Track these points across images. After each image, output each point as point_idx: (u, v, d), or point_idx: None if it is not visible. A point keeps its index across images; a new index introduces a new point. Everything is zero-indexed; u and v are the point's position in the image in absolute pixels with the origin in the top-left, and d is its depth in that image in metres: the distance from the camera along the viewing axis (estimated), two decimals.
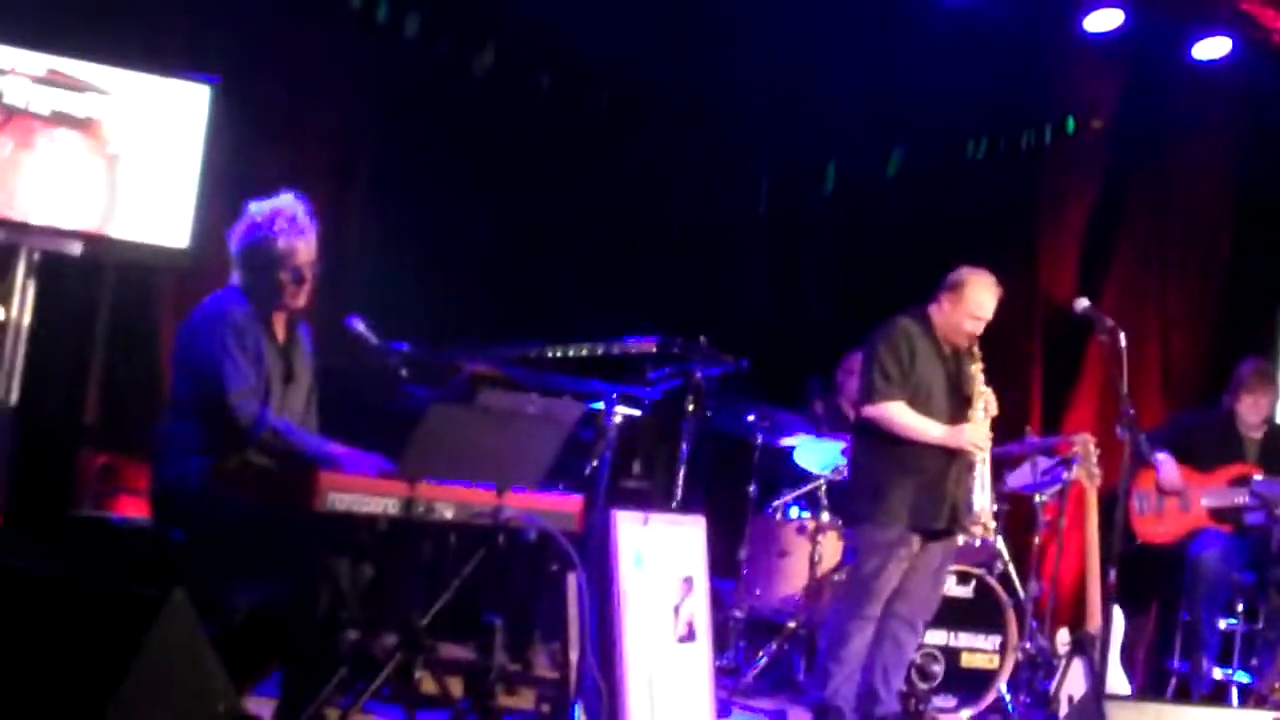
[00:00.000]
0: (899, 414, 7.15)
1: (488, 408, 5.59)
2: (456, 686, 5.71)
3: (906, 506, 7.15)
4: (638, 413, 7.25)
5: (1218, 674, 8.44)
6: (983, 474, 7.19)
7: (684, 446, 7.31)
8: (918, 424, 7.16)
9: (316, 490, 5.16)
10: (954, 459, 7.18)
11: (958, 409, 7.25)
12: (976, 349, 7.31)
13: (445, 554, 5.76)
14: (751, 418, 8.62)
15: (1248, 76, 10.01)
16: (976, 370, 7.31)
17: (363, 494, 5.26)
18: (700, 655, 6.80)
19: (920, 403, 7.20)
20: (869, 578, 7.18)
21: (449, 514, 5.45)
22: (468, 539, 5.66)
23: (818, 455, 8.72)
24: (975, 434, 7.19)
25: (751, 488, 8.64)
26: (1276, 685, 7.00)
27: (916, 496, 7.17)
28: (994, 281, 7.29)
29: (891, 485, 7.17)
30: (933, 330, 7.30)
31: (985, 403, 7.25)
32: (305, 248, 5.75)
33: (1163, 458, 8.58)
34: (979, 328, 7.30)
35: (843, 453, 8.51)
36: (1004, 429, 8.77)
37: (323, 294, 6.09)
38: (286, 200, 5.78)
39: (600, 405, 6.86)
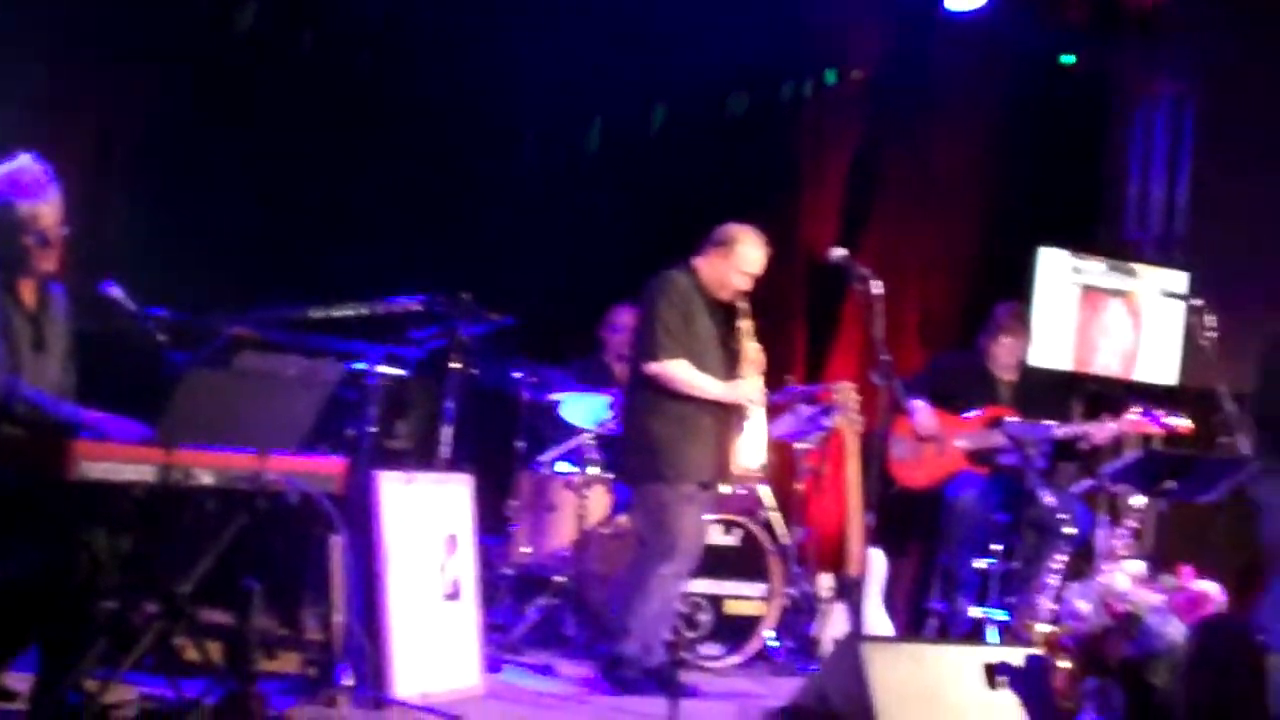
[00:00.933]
0: (682, 371, 7.29)
1: (246, 371, 5.55)
2: (218, 653, 5.67)
3: (693, 462, 7.32)
4: (402, 372, 7.24)
5: (976, 613, 8.64)
6: (757, 426, 7.43)
7: (449, 404, 7.30)
8: (700, 381, 7.32)
9: (69, 458, 5.06)
10: (729, 413, 7.35)
11: (728, 363, 7.41)
12: (744, 303, 7.44)
13: (205, 520, 5.70)
14: (518, 374, 8.66)
15: (1002, 25, 10.22)
16: (746, 325, 7.44)
17: (118, 461, 5.16)
18: (467, 612, 6.84)
19: (695, 358, 7.33)
20: (669, 535, 7.32)
21: (208, 479, 5.38)
22: (228, 503, 5.60)
23: (584, 409, 8.78)
24: (751, 388, 7.39)
25: (519, 443, 8.69)
26: (1029, 621, 7.19)
27: (700, 451, 7.35)
28: (762, 239, 7.45)
29: (677, 442, 7.33)
30: (702, 285, 7.39)
31: (755, 356, 7.36)
32: (49, 210, 5.62)
33: (918, 404, 8.72)
34: (747, 283, 7.44)
35: (611, 407, 8.59)
36: (767, 379, 8.93)
37: (80, 259, 5.97)
38: (25, 162, 5.63)
39: (363, 365, 6.84)
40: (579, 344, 9.48)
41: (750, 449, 8.12)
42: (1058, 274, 10.07)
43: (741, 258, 7.44)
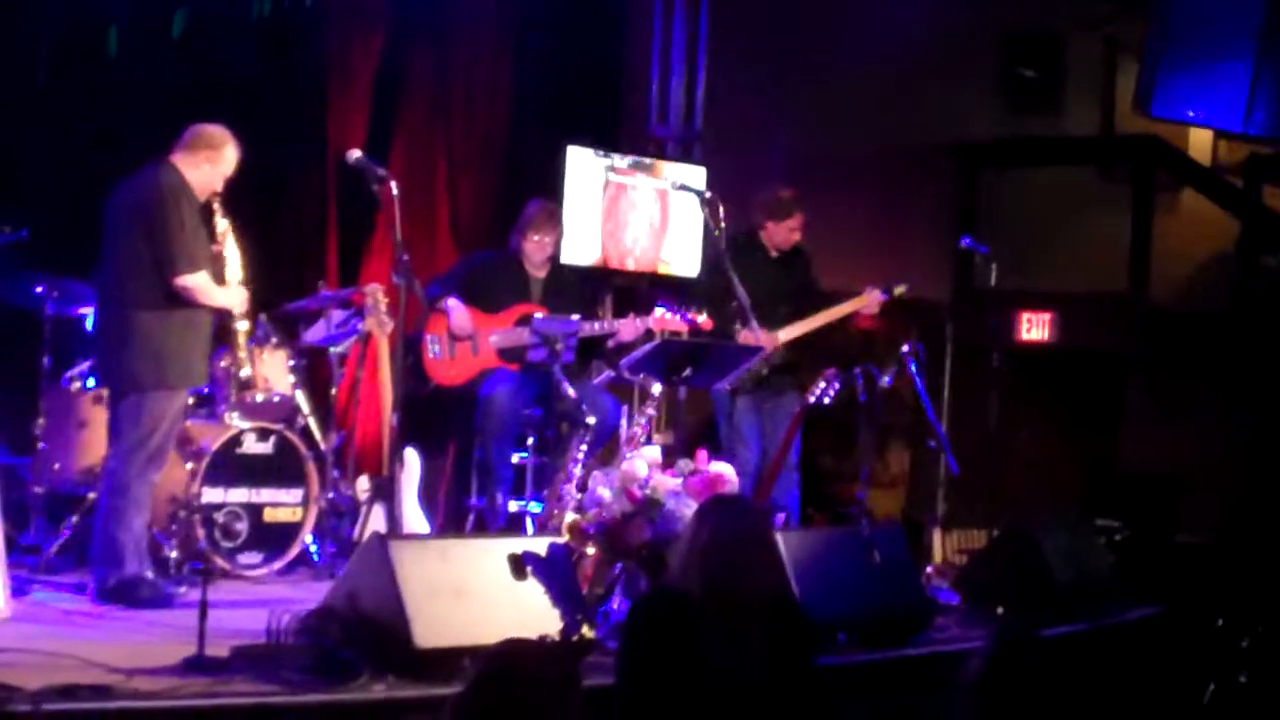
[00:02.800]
0: (206, 284, 7.33)
1: None
2: None
3: (194, 369, 7.40)
4: None
5: (513, 506, 8.82)
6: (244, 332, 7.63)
7: None
8: (219, 294, 7.39)
9: None
10: (222, 318, 7.53)
11: (213, 266, 7.42)
12: (218, 205, 7.48)
13: None
14: (40, 288, 8.43)
15: None
16: (226, 227, 7.51)
17: None
18: None
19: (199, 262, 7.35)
20: (164, 441, 7.33)
21: None
22: None
23: None
24: (243, 295, 7.54)
25: (44, 359, 8.47)
26: (555, 512, 7.40)
27: (199, 358, 7.46)
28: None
29: (183, 349, 7.33)
30: (190, 188, 7.35)
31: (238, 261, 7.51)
32: None
33: (452, 304, 8.81)
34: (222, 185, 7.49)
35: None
36: (301, 286, 8.93)
37: None
38: None
39: None
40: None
41: (277, 371, 8.17)
42: (585, 171, 10.29)
43: (227, 161, 7.51)
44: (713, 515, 5.05)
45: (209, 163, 7.45)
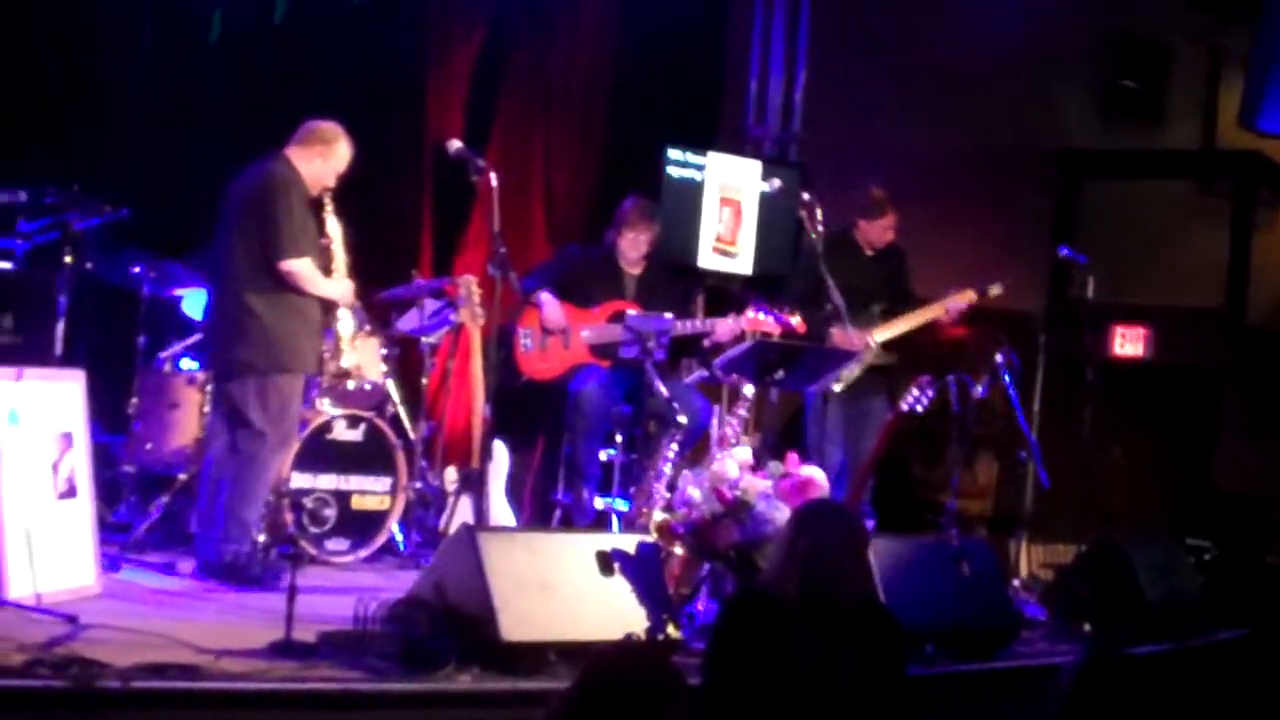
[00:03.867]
0: (311, 271, 7.46)
1: None
2: None
3: (308, 354, 7.56)
4: (8, 265, 7.05)
5: (600, 503, 8.81)
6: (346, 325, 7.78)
7: (61, 299, 7.14)
8: (324, 283, 7.55)
9: None
10: (328, 308, 7.64)
11: (321, 259, 7.57)
12: (328, 199, 7.57)
13: None
14: (137, 268, 8.48)
15: None
16: (335, 222, 7.64)
17: None
18: (82, 511, 6.73)
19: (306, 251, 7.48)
20: (290, 424, 7.55)
21: None
22: None
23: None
24: (350, 288, 7.72)
25: (139, 339, 8.53)
26: (644, 510, 7.37)
27: (312, 344, 7.59)
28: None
29: (296, 335, 7.49)
30: (302, 181, 7.44)
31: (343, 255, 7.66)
32: None
33: (545, 298, 8.80)
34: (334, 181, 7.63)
35: None
36: (395, 274, 8.94)
37: None
38: None
39: None
40: (201, 239, 9.31)
41: (369, 359, 8.21)
42: (682, 170, 10.25)
43: (340, 157, 7.66)
44: (811, 521, 5.01)
45: (321, 158, 7.59)
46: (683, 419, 7.66)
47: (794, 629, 4.77)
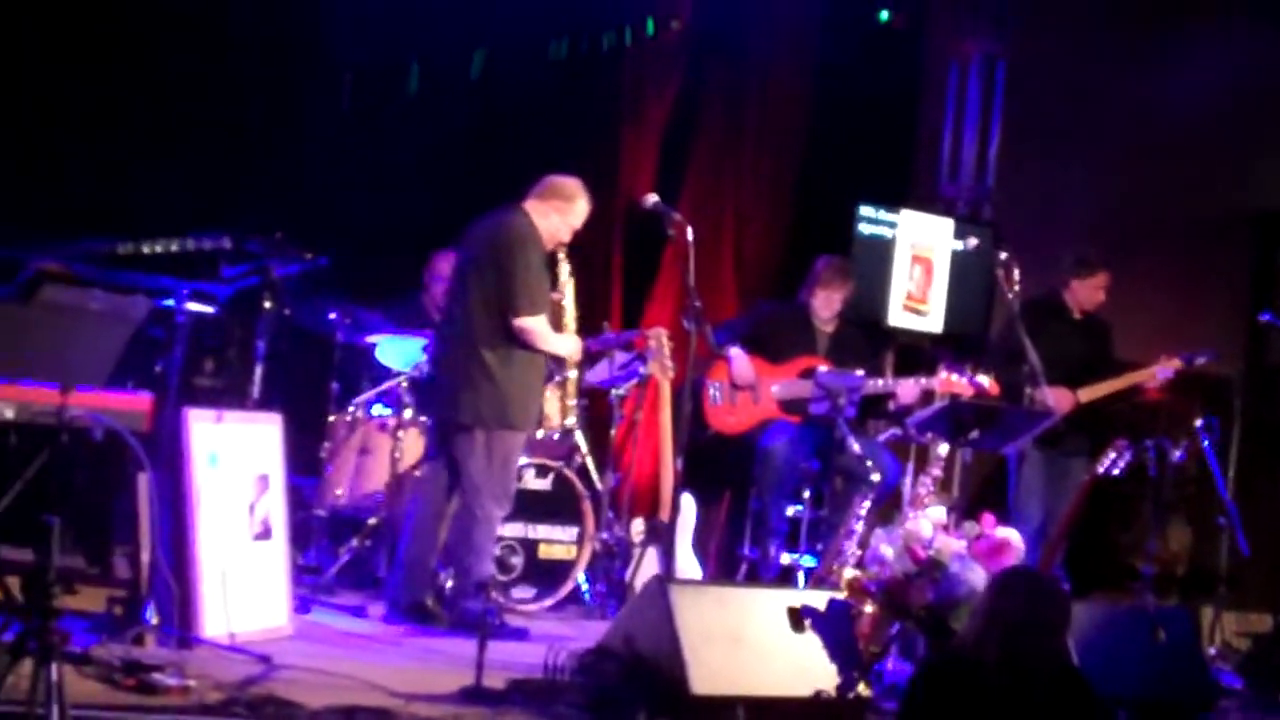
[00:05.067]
0: (544, 328, 7.47)
1: (49, 303, 5.46)
2: (18, 589, 5.58)
3: (533, 411, 7.60)
4: (211, 310, 7.16)
5: (785, 559, 8.76)
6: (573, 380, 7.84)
7: (260, 344, 7.24)
8: (555, 340, 7.56)
9: None
10: (554, 364, 7.70)
11: (553, 313, 7.59)
12: (563, 255, 7.55)
13: (7, 456, 5.61)
14: (333, 315, 8.60)
15: None
16: (568, 278, 7.67)
17: None
18: (276, 553, 6.81)
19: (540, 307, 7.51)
20: (510, 481, 7.53)
21: (9, 414, 5.31)
22: (31, 439, 5.51)
23: (399, 352, 8.73)
24: (579, 345, 7.76)
25: (333, 385, 8.65)
26: (834, 567, 7.31)
27: (536, 401, 7.63)
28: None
29: (525, 391, 7.51)
30: (538, 235, 7.47)
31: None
32: None
33: (735, 353, 8.81)
34: (570, 236, 7.65)
35: (425, 350, 8.57)
36: (584, 326, 8.96)
37: None
38: None
39: (171, 302, 6.75)
40: (394, 286, 9.43)
41: (566, 406, 8.22)
42: (873, 227, 10.19)
43: (578, 213, 7.66)
44: (1013, 586, 4.93)
45: (559, 213, 7.59)
46: (875, 476, 7.60)
47: (989, 694, 4.68)
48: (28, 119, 8.39)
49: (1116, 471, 7.76)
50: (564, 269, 7.69)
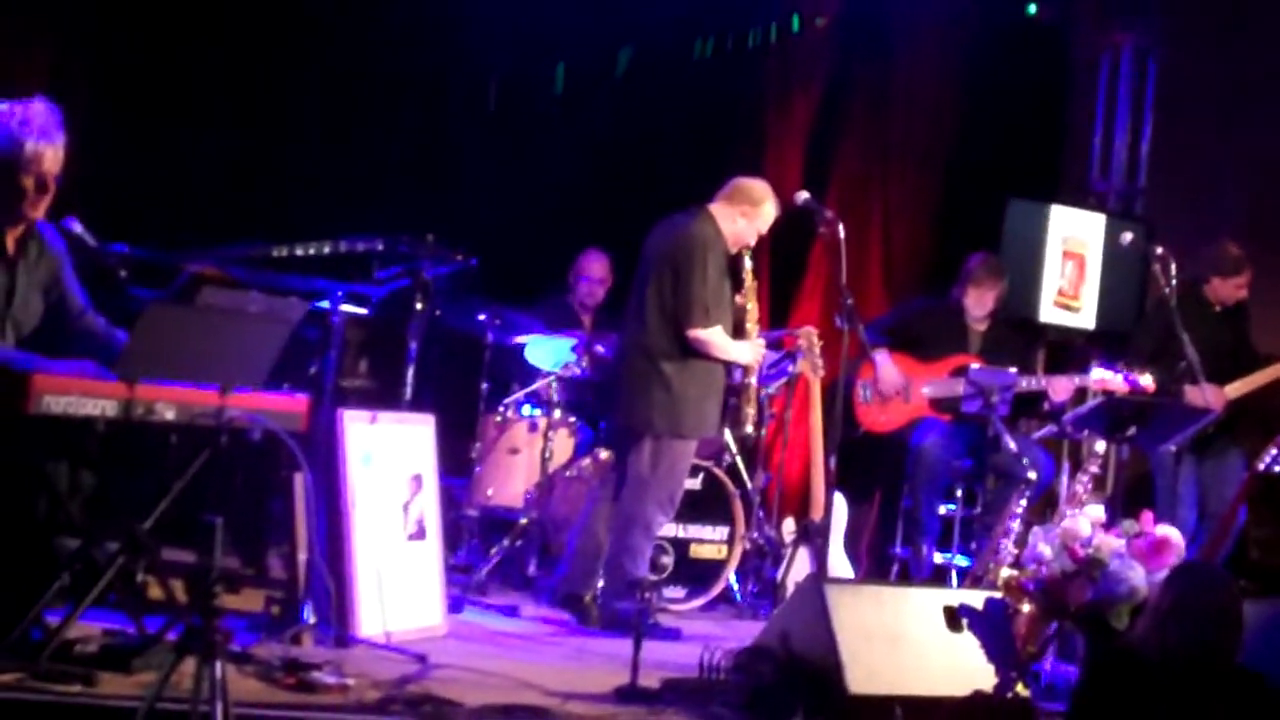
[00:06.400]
0: (720, 338, 7.43)
1: (208, 306, 5.52)
2: (182, 590, 5.65)
3: (708, 418, 7.53)
4: (364, 311, 7.21)
5: (938, 559, 8.70)
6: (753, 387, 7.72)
7: (412, 345, 7.27)
8: (732, 348, 7.50)
9: (30, 392, 5.04)
10: (731, 370, 7.60)
11: (734, 318, 7.56)
12: (748, 257, 7.52)
13: (168, 456, 5.67)
14: (482, 316, 8.65)
15: None
16: (751, 282, 7.61)
17: (79, 395, 5.16)
18: (431, 552, 6.84)
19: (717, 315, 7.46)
20: (675, 487, 7.52)
21: (170, 415, 5.37)
22: (191, 440, 5.58)
23: (548, 353, 8.76)
24: (760, 349, 7.65)
25: (483, 386, 8.69)
26: (991, 565, 7.22)
27: (712, 408, 7.56)
28: None
29: (700, 400, 7.47)
30: (722, 239, 7.41)
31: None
32: (53, 155, 5.55)
33: (880, 359, 8.75)
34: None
35: (575, 350, 8.59)
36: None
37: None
38: (39, 104, 5.58)
39: (326, 304, 6.79)
40: (543, 286, 9.47)
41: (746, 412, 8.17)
42: (1024, 224, 10.05)
43: (765, 217, 7.61)
44: (1187, 582, 4.87)
45: (745, 217, 7.54)
46: (1032, 474, 7.51)
47: (1165, 692, 4.60)
48: (182, 125, 8.50)
49: (1278, 468, 7.61)
50: (748, 270, 7.61)
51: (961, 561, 8.58)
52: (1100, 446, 7.46)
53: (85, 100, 8.28)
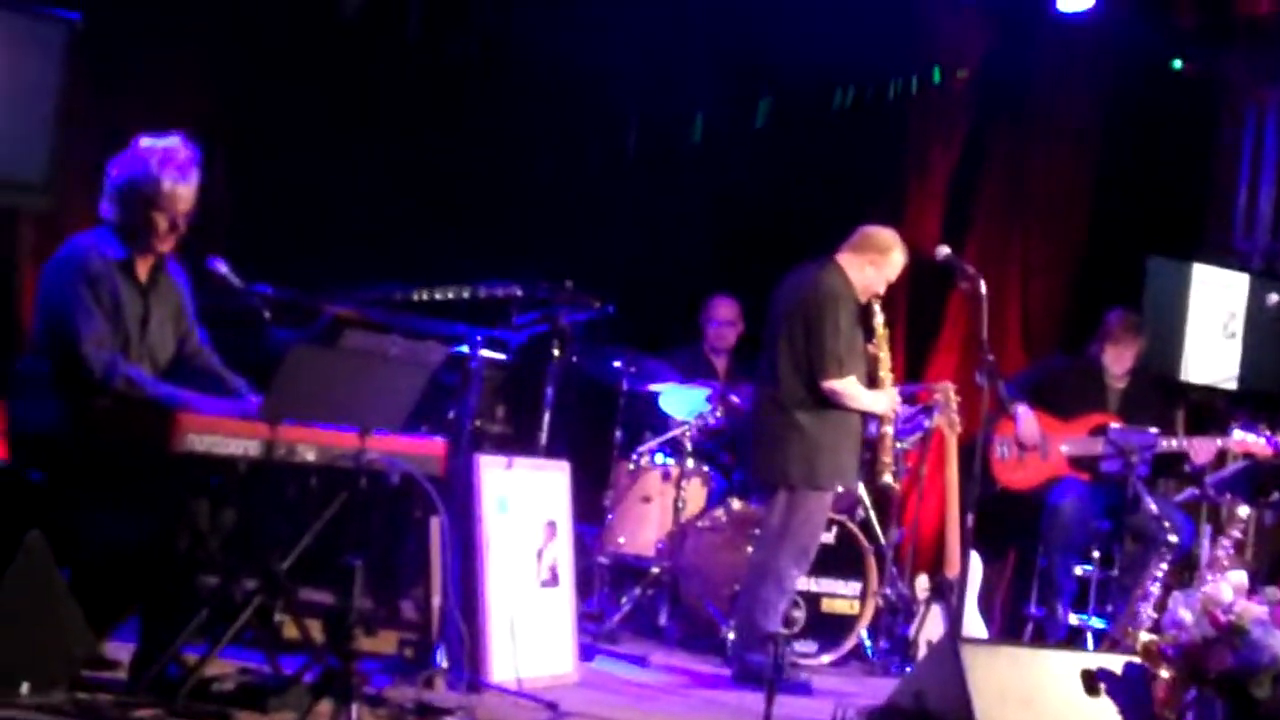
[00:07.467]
0: (854, 389, 7.40)
1: (350, 349, 5.55)
2: (318, 630, 5.69)
3: (844, 470, 7.51)
4: (502, 357, 7.25)
5: (1073, 620, 8.57)
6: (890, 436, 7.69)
7: (549, 391, 7.29)
8: (867, 398, 7.46)
9: (175, 431, 5.11)
10: (869, 421, 7.56)
11: (867, 367, 7.52)
12: (878, 306, 7.48)
13: (308, 497, 5.72)
14: (617, 363, 8.65)
15: (1111, 27, 10.11)
16: (883, 331, 7.57)
17: (223, 435, 5.22)
18: (563, 599, 6.83)
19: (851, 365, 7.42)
20: (809, 540, 7.49)
21: (310, 456, 5.42)
22: (330, 482, 5.62)
23: (682, 401, 8.75)
24: (895, 398, 7.60)
25: (617, 433, 8.69)
26: (1129, 629, 7.11)
27: (849, 460, 7.53)
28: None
29: (836, 451, 7.43)
30: (851, 289, 7.39)
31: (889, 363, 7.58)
32: (187, 194, 5.64)
33: (1021, 411, 8.66)
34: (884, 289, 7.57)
35: (709, 400, 8.57)
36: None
37: (186, 236, 5.98)
38: (177, 142, 5.68)
39: (464, 349, 6.83)
40: (679, 335, 9.47)
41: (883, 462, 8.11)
42: (1165, 282, 9.92)
43: (893, 265, 7.56)
44: None
45: (873, 266, 7.51)
46: (1173, 538, 7.39)
47: None
48: (325, 169, 8.59)
49: None
50: (878, 319, 7.57)
51: (1097, 624, 8.45)
52: (1244, 511, 7.34)
53: (230, 141, 8.40)
